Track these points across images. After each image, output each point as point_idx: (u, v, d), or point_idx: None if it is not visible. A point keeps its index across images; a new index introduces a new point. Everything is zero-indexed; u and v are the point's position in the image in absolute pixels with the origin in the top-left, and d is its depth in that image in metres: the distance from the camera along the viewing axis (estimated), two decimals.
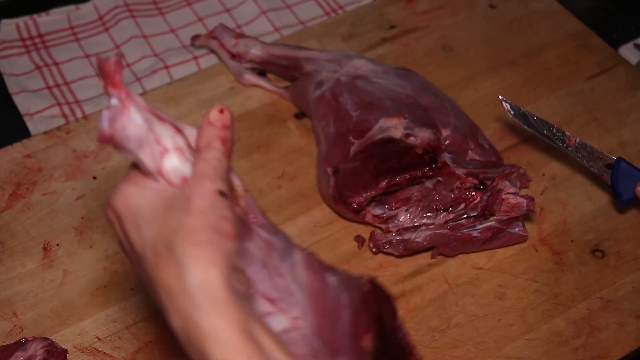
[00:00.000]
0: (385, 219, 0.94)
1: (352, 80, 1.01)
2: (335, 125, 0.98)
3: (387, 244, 0.92)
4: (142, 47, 1.20)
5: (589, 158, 0.94)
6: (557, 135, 0.95)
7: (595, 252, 0.95)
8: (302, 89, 1.06)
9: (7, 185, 1.00)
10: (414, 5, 1.25)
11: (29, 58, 1.18)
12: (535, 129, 0.95)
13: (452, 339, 0.87)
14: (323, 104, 1.01)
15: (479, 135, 1.00)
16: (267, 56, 1.10)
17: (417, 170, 0.92)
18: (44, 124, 1.10)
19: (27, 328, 0.88)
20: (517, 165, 0.97)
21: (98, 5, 1.26)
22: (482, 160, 0.97)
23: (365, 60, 1.05)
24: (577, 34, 1.20)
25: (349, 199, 0.93)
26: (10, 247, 0.95)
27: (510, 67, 1.16)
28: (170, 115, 1.11)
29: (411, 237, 0.92)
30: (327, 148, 0.98)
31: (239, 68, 1.12)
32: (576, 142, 0.94)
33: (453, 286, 0.92)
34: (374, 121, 0.96)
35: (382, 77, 1.02)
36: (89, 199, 0.99)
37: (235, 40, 1.12)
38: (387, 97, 0.99)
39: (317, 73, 1.05)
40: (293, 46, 1.11)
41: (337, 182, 0.94)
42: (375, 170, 0.93)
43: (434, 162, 0.92)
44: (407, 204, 0.94)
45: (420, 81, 1.04)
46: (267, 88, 1.12)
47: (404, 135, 0.94)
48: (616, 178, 0.91)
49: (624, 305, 0.90)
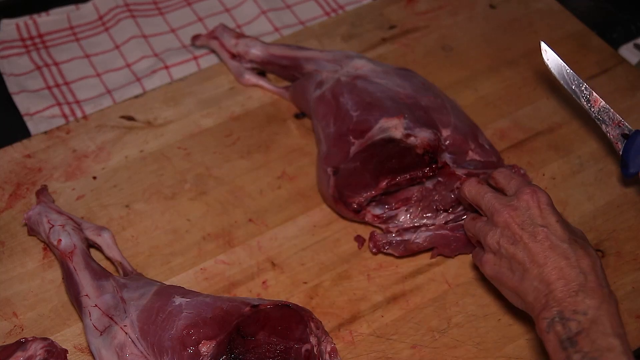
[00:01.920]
0: (385, 219, 0.94)
1: (352, 80, 1.01)
2: (336, 125, 0.98)
3: (387, 244, 0.92)
4: (142, 47, 1.20)
5: (608, 123, 0.93)
6: (584, 93, 0.94)
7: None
8: (302, 89, 1.06)
9: (7, 185, 1.00)
10: (414, 5, 1.25)
11: (29, 58, 1.18)
12: (566, 82, 0.95)
13: (452, 339, 0.87)
14: (323, 104, 1.01)
15: (479, 135, 1.00)
16: (267, 56, 1.10)
17: (417, 170, 0.92)
18: (44, 124, 1.10)
19: (27, 328, 0.88)
20: (517, 166, 0.97)
21: (98, 5, 1.26)
22: (482, 160, 0.97)
23: (366, 60, 1.05)
24: (577, 34, 1.20)
25: (348, 199, 0.93)
26: (10, 247, 0.95)
27: (510, 67, 1.16)
28: (170, 115, 1.11)
29: (411, 237, 0.92)
30: (327, 148, 0.97)
31: (239, 68, 1.12)
32: (600, 104, 0.93)
33: (453, 286, 0.92)
34: (374, 121, 0.96)
35: (382, 77, 1.02)
36: (89, 199, 0.99)
37: (235, 40, 1.12)
38: (388, 97, 0.98)
39: (317, 73, 1.05)
40: (293, 46, 1.11)
41: (337, 182, 0.94)
42: (375, 170, 0.92)
43: (434, 162, 0.92)
44: (407, 204, 0.94)
45: (420, 81, 1.03)
46: (267, 88, 1.12)
47: (404, 135, 0.94)
48: (628, 149, 0.91)
49: (624, 305, 0.90)
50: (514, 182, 0.82)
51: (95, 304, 0.83)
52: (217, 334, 0.77)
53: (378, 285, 0.92)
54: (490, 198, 0.81)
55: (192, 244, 0.96)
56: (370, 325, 0.88)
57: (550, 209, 0.77)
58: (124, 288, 0.84)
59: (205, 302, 0.81)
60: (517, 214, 0.77)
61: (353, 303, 0.90)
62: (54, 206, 0.93)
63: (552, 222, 0.76)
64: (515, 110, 1.10)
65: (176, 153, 1.05)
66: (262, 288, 0.92)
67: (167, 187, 1.01)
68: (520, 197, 0.78)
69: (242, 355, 0.74)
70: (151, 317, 0.80)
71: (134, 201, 0.99)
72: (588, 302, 0.70)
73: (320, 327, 0.81)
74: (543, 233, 0.75)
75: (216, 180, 1.02)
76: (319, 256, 0.95)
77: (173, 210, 0.99)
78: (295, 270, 0.93)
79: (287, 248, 0.95)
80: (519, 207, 0.78)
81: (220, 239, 0.96)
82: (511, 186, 0.82)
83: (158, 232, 0.97)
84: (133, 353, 0.78)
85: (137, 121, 1.08)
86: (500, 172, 0.85)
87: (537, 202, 0.78)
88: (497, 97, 1.12)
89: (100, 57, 1.20)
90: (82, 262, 0.87)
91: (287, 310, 0.78)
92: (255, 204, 0.99)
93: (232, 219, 0.98)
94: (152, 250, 0.95)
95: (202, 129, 1.07)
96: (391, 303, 0.90)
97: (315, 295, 0.91)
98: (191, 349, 0.76)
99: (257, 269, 0.93)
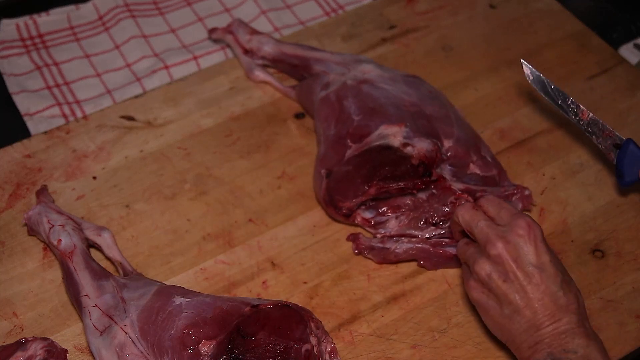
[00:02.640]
0: (374, 224, 0.94)
1: (358, 85, 1.01)
2: (336, 128, 0.98)
3: (368, 249, 0.92)
4: (142, 47, 1.20)
5: (599, 134, 0.93)
6: (571, 107, 0.94)
7: (595, 252, 0.95)
8: (308, 89, 1.06)
9: (7, 185, 1.00)
10: (414, 5, 1.25)
11: (29, 58, 1.18)
12: (551, 97, 0.94)
13: (452, 339, 0.87)
14: (327, 105, 1.01)
15: (482, 147, 0.99)
16: (278, 54, 1.10)
17: (409, 180, 0.91)
18: (44, 123, 1.10)
19: (27, 328, 0.88)
20: (521, 186, 0.95)
21: (98, 5, 1.26)
22: (482, 175, 0.96)
23: (374, 65, 1.05)
24: (577, 34, 1.20)
25: (339, 203, 0.92)
26: (10, 247, 0.95)
27: (510, 67, 1.16)
28: (170, 115, 1.11)
29: (392, 247, 0.91)
30: (324, 149, 0.97)
31: (251, 64, 1.12)
32: (589, 117, 0.93)
33: (453, 286, 0.92)
34: (374, 127, 0.95)
35: (389, 83, 1.01)
36: (89, 199, 0.99)
37: (249, 36, 1.12)
38: (391, 104, 0.98)
39: (325, 74, 1.05)
40: (305, 46, 1.11)
41: (329, 185, 0.93)
42: (367, 175, 0.91)
43: (428, 174, 0.91)
44: (398, 212, 0.93)
45: (427, 89, 1.02)
46: (276, 86, 1.12)
47: (401, 144, 0.93)
48: (622, 158, 0.90)
49: (623, 305, 0.90)
50: (504, 212, 0.80)
51: (95, 304, 0.83)
52: (217, 334, 0.77)
53: (378, 285, 0.92)
54: (484, 227, 0.78)
55: (192, 244, 0.96)
56: (370, 325, 0.88)
57: (544, 245, 0.76)
58: (124, 288, 0.85)
59: (205, 302, 0.81)
60: (512, 249, 0.76)
61: (353, 303, 0.90)
62: (54, 206, 0.93)
63: (546, 262, 0.75)
64: (515, 110, 1.10)
65: (176, 153, 1.05)
66: (262, 288, 0.92)
67: (167, 187, 1.01)
68: (515, 231, 0.76)
69: (242, 355, 0.74)
70: (151, 317, 0.80)
71: (134, 201, 0.99)
72: (577, 341, 0.72)
73: (320, 327, 0.81)
74: (538, 276, 0.75)
75: (216, 180, 1.02)
76: (319, 256, 0.94)
77: (173, 210, 0.99)
78: (295, 270, 0.93)
79: (287, 248, 0.95)
80: (514, 241, 0.76)
81: (220, 239, 0.96)
82: (502, 217, 0.79)
83: (158, 232, 0.97)
84: (133, 353, 0.78)
85: (137, 121, 1.08)
86: (489, 200, 0.82)
87: (533, 238, 0.76)
88: (497, 97, 1.12)
89: (100, 57, 1.20)
90: (82, 262, 0.87)
91: (287, 310, 0.78)
92: (255, 204, 0.99)
93: (232, 219, 0.98)
94: (152, 250, 0.95)
95: (202, 129, 1.07)
96: (391, 303, 0.90)
97: (315, 295, 0.91)
98: (191, 349, 0.76)
99: (257, 269, 0.93)
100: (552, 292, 0.74)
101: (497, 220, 0.80)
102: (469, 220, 0.80)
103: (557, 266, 0.76)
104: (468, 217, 0.81)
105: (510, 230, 0.77)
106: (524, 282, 0.75)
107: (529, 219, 0.77)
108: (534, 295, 0.74)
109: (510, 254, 0.76)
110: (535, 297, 0.74)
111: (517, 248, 0.76)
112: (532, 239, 0.76)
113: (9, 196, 0.99)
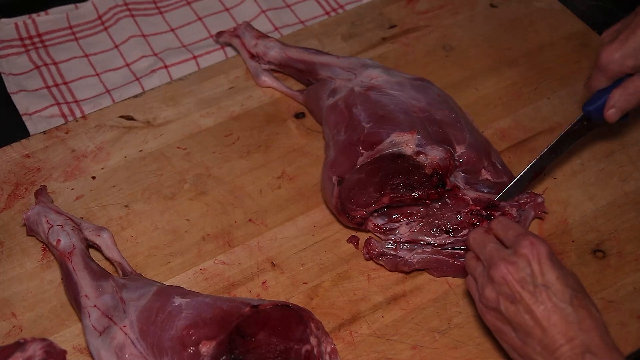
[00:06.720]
0: (385, 231, 0.93)
1: (365, 92, 0.99)
2: (347, 134, 0.96)
3: (380, 254, 0.91)
4: (142, 47, 1.20)
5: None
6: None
7: (596, 253, 0.95)
8: (315, 95, 1.06)
9: (6, 185, 1.00)
10: (414, 4, 1.24)
11: (28, 57, 1.18)
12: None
13: (453, 340, 0.87)
14: (335, 113, 1.00)
15: (492, 152, 0.98)
16: (284, 59, 1.10)
17: (424, 191, 0.89)
18: (43, 123, 1.09)
19: (25, 329, 0.87)
20: (534, 194, 0.95)
21: (97, 4, 1.25)
22: (494, 181, 0.95)
23: (381, 70, 1.03)
24: (578, 34, 1.20)
25: (351, 212, 0.91)
26: (9, 248, 0.94)
27: (510, 67, 1.16)
28: (170, 114, 1.11)
29: (405, 257, 0.90)
30: (334, 155, 0.96)
31: (257, 69, 1.12)
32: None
33: (454, 286, 0.92)
34: (385, 135, 0.94)
35: (397, 88, 1.00)
36: (88, 199, 0.99)
37: (255, 41, 1.12)
38: (401, 111, 0.97)
39: (331, 80, 1.04)
40: (311, 50, 1.10)
41: (341, 193, 0.92)
42: (380, 184, 0.90)
43: (442, 185, 0.89)
44: (410, 218, 0.93)
45: (436, 93, 1.01)
46: (283, 91, 1.11)
47: (414, 152, 0.92)
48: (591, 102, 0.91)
49: (625, 305, 0.90)
50: (511, 232, 0.78)
51: (95, 305, 0.83)
52: (217, 334, 0.77)
53: (378, 285, 0.92)
54: (490, 250, 0.77)
55: (191, 244, 0.95)
56: (370, 325, 0.88)
57: (551, 263, 0.74)
58: (124, 288, 0.84)
59: (205, 302, 0.81)
60: (515, 270, 0.74)
61: (353, 303, 0.90)
62: (53, 206, 0.93)
63: (552, 279, 0.73)
64: (516, 110, 1.10)
65: (176, 153, 1.04)
66: (262, 288, 0.91)
67: (166, 187, 1.01)
68: (519, 251, 0.75)
69: (242, 355, 0.74)
70: (151, 318, 0.80)
71: (134, 201, 0.99)
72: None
73: (320, 327, 0.81)
74: (545, 293, 0.73)
75: (216, 180, 1.01)
76: (319, 256, 0.94)
77: (172, 210, 0.98)
78: (295, 270, 0.93)
79: (287, 248, 0.95)
80: (517, 262, 0.75)
81: (219, 239, 0.96)
82: (509, 237, 0.78)
83: (157, 232, 0.96)
84: (132, 354, 0.78)
85: (136, 121, 1.08)
86: (499, 222, 0.81)
87: (537, 256, 0.74)
88: (497, 97, 1.12)
89: (99, 57, 1.19)
90: (81, 262, 0.86)
91: (287, 311, 0.78)
92: (255, 204, 0.99)
93: (232, 219, 0.98)
94: (152, 251, 0.95)
95: (201, 129, 1.07)
96: (391, 303, 0.90)
97: (315, 296, 0.91)
98: (191, 349, 0.76)
99: (256, 270, 0.93)
100: (561, 309, 0.72)
101: (505, 242, 0.79)
102: (479, 243, 0.80)
103: (567, 282, 0.74)
104: (479, 239, 0.80)
105: (514, 251, 0.76)
106: (530, 301, 0.73)
107: (532, 237, 0.76)
108: (541, 313, 0.72)
109: (513, 275, 0.74)
110: (542, 316, 0.72)
111: (520, 268, 0.74)
112: (535, 258, 0.74)
113: (8, 196, 0.99)
